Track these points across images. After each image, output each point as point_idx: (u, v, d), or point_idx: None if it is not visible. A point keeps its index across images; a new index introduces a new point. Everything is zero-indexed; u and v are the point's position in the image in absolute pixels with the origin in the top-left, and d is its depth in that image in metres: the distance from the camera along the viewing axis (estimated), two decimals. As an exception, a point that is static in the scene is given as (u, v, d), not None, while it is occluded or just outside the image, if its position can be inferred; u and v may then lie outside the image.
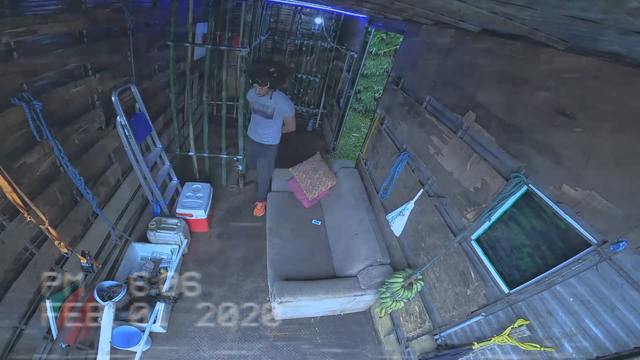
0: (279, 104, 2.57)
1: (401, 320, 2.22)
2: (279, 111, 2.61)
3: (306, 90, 5.55)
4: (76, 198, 1.85)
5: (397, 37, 5.95)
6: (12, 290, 1.42)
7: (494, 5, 0.83)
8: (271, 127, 2.76)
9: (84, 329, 1.78)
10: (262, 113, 2.64)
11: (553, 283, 1.18)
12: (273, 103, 2.56)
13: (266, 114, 2.63)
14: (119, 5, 1.95)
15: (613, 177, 1.02)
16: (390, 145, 2.71)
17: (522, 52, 1.43)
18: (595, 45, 1.03)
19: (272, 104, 2.57)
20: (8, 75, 1.27)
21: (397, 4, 1.45)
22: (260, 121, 2.73)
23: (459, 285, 1.68)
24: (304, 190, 3.13)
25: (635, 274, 0.94)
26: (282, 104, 2.57)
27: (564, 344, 1.13)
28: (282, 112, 2.63)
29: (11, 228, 1.37)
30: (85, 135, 1.86)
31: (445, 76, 2.05)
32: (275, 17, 4.84)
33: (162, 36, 2.73)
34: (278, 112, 2.62)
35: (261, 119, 2.70)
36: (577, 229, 1.13)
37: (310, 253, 2.66)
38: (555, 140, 1.23)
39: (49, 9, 1.48)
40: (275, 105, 2.57)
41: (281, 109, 2.60)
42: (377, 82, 6.70)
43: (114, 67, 2.07)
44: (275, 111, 2.60)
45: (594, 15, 0.60)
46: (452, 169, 1.84)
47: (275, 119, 2.67)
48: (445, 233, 1.82)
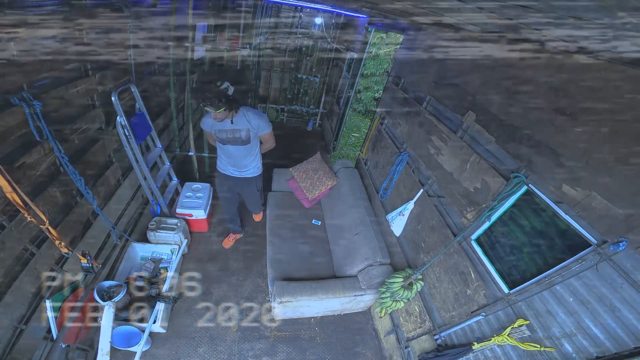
0: (252, 122, 2.02)
1: (401, 320, 2.22)
2: (255, 131, 2.07)
3: (306, 90, 5.56)
4: (76, 198, 1.85)
5: (397, 37, 5.96)
6: (12, 290, 1.42)
7: (494, 5, 0.83)
8: (252, 154, 2.24)
9: (84, 329, 1.78)
10: (235, 141, 2.08)
11: (553, 283, 1.18)
12: (245, 123, 2.01)
13: (241, 140, 2.08)
14: (119, 5, 1.95)
15: (613, 177, 1.02)
16: (390, 145, 2.71)
17: (522, 52, 1.43)
18: (595, 45, 1.03)
19: (245, 125, 2.02)
20: (8, 75, 1.26)
21: (397, 3, 1.45)
22: (235, 152, 2.17)
23: (459, 285, 1.68)
24: (304, 190, 3.13)
25: (635, 274, 0.94)
26: (257, 121, 2.03)
27: (564, 344, 1.13)
28: (260, 130, 2.07)
29: (11, 228, 1.37)
30: (85, 135, 1.86)
31: (445, 76, 2.05)
32: (276, 17, 4.84)
33: (162, 36, 2.73)
34: (254, 133, 2.08)
35: (236, 149, 2.14)
36: (577, 229, 1.13)
37: (310, 253, 2.66)
38: (555, 140, 1.23)
39: (49, 9, 1.48)
40: (249, 125, 2.03)
41: (257, 126, 2.04)
42: (377, 82, 6.70)
43: (114, 67, 2.07)
44: (251, 132, 2.06)
45: (594, 15, 0.60)
46: (452, 169, 1.84)
47: (253, 141, 2.14)
48: (445, 233, 1.82)
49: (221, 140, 2.10)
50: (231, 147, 2.13)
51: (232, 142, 2.09)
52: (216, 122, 1.99)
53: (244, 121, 2.01)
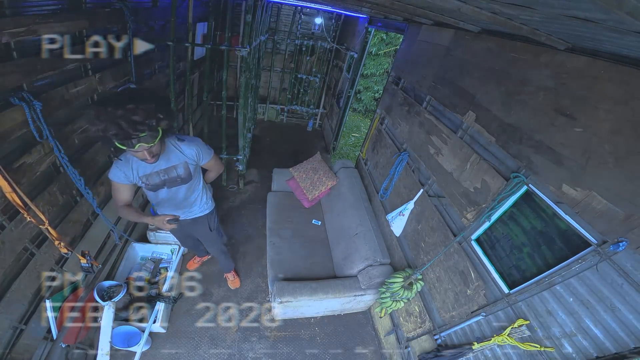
0: (187, 152, 1.53)
1: (401, 320, 2.22)
2: (195, 162, 1.59)
3: (306, 90, 5.56)
4: (76, 198, 1.85)
5: (397, 37, 5.96)
6: (12, 290, 1.42)
7: (494, 5, 0.84)
8: (197, 190, 1.78)
9: (84, 329, 1.78)
10: (172, 182, 1.59)
11: (553, 283, 1.18)
12: (179, 156, 1.53)
13: (180, 179, 1.59)
14: (119, 5, 1.95)
15: (613, 177, 1.02)
16: (390, 145, 2.71)
17: (522, 52, 1.44)
18: (595, 45, 1.04)
19: (179, 159, 1.53)
20: (8, 75, 1.26)
21: (396, 3, 1.45)
22: (175, 195, 1.68)
23: (459, 285, 1.68)
24: (304, 190, 3.13)
25: (635, 274, 0.94)
26: (193, 149, 1.55)
27: (564, 344, 1.13)
28: (201, 159, 1.61)
29: (11, 228, 1.37)
30: (85, 135, 1.86)
31: (445, 76, 2.05)
32: (276, 17, 4.84)
33: (162, 36, 2.73)
34: (194, 166, 1.61)
35: (175, 191, 1.66)
36: (577, 229, 1.13)
37: (310, 253, 2.66)
38: (555, 140, 1.23)
39: (49, 9, 1.48)
40: (184, 158, 1.54)
41: (196, 156, 1.57)
42: (377, 82, 6.70)
43: (114, 67, 2.07)
44: (190, 166, 1.58)
45: (594, 15, 0.60)
46: (452, 169, 1.84)
47: (196, 175, 1.69)
48: (445, 233, 1.82)
49: (153, 187, 1.56)
50: (167, 190, 1.62)
51: (168, 184, 1.59)
52: (141, 166, 1.45)
53: (177, 154, 1.51)
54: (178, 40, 2.54)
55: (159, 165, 1.48)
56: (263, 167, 4.23)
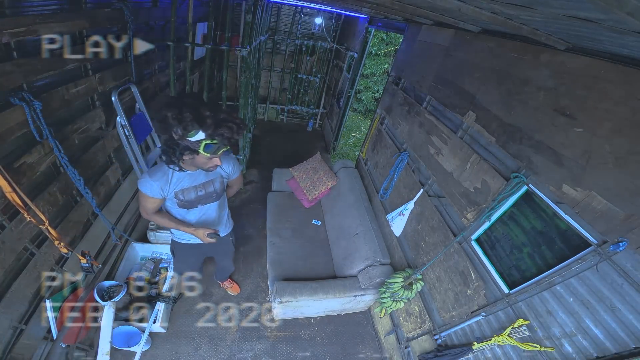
0: (226, 166, 1.52)
1: (401, 320, 2.22)
2: (228, 177, 1.58)
3: (306, 90, 5.56)
4: (76, 198, 1.85)
5: (397, 37, 5.95)
6: (12, 290, 1.42)
7: (494, 5, 0.84)
8: (225, 207, 1.78)
9: (84, 329, 1.78)
10: (208, 198, 1.53)
11: (553, 283, 1.18)
12: (218, 170, 1.50)
13: (215, 195, 1.55)
14: (119, 5, 1.95)
15: (613, 177, 1.02)
16: (390, 145, 2.71)
17: (522, 52, 1.43)
18: (595, 45, 1.04)
19: (218, 172, 1.51)
20: (8, 75, 1.26)
21: (397, 3, 1.45)
22: (208, 212, 1.61)
23: (459, 285, 1.68)
24: (304, 190, 3.13)
25: (635, 274, 0.94)
26: (233, 163, 1.55)
27: (564, 344, 1.13)
28: (233, 174, 1.58)
29: (11, 228, 1.37)
30: (85, 135, 1.86)
31: (445, 76, 2.05)
32: (276, 17, 4.84)
33: (162, 36, 2.73)
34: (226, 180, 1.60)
35: (209, 208, 1.59)
36: (577, 229, 1.13)
37: (310, 253, 2.66)
38: (555, 140, 1.23)
39: (49, 9, 1.48)
40: (224, 171, 1.53)
41: (233, 170, 1.57)
42: (377, 82, 6.70)
43: (114, 67, 2.07)
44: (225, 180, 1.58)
45: (594, 15, 0.60)
46: (452, 169, 1.83)
47: (223, 192, 1.64)
48: (445, 233, 1.82)
49: (187, 204, 1.47)
50: (201, 207, 1.55)
51: (204, 200, 1.51)
52: (180, 180, 1.38)
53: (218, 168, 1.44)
54: (178, 40, 2.54)
55: (198, 179, 1.43)
56: (263, 167, 4.23)
